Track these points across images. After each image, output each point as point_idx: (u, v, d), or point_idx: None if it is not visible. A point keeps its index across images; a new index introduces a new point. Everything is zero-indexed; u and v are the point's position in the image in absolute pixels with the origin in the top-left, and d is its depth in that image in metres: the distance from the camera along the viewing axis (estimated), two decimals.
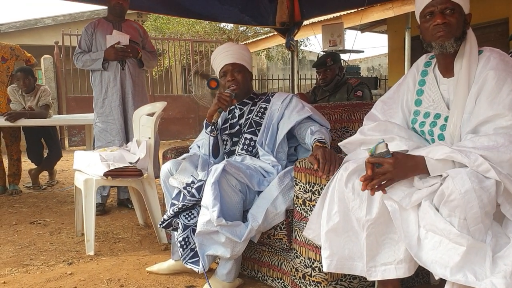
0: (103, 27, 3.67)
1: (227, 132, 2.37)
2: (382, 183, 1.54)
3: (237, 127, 2.36)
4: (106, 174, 2.66)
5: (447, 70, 1.77)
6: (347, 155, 1.88)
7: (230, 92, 2.26)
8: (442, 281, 1.52)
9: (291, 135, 2.27)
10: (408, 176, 1.57)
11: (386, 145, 1.56)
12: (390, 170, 1.53)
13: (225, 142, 2.37)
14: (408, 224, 1.53)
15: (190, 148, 2.50)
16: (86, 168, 2.80)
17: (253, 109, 2.36)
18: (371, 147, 1.58)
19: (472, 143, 1.54)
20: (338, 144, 1.97)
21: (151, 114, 3.00)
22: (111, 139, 3.64)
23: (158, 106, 3.00)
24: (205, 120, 2.31)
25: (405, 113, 1.87)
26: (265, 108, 2.34)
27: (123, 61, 3.63)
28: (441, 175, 1.52)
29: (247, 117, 2.35)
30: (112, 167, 2.70)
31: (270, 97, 2.37)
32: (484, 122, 1.61)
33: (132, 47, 3.62)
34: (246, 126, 2.33)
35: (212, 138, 2.27)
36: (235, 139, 2.36)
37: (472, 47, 1.70)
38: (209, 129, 2.26)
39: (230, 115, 2.39)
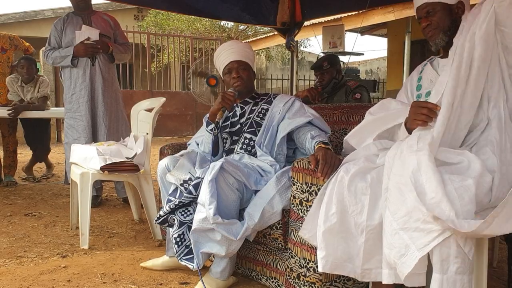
0: (72, 22, 3.61)
1: (227, 130, 2.37)
2: None
3: (238, 126, 2.36)
4: (102, 168, 2.66)
5: (445, 51, 1.88)
6: (346, 155, 1.88)
7: (234, 91, 2.26)
8: None
9: (289, 138, 2.27)
10: None
11: None
12: None
13: (224, 141, 2.37)
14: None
15: (189, 144, 2.50)
16: (82, 161, 2.79)
17: (255, 109, 2.36)
18: None
19: None
20: (345, 138, 1.99)
21: (150, 110, 3.00)
22: (77, 135, 3.58)
23: (157, 102, 3.00)
24: (206, 118, 2.30)
25: (410, 99, 1.97)
26: (267, 109, 2.34)
27: (93, 57, 3.56)
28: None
29: (248, 116, 2.35)
30: (109, 162, 2.70)
31: (272, 99, 2.37)
32: None
33: (102, 42, 3.56)
34: (247, 126, 2.33)
35: (213, 136, 2.26)
36: (235, 137, 2.36)
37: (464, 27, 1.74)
38: (210, 127, 2.26)
39: (231, 114, 2.39)
